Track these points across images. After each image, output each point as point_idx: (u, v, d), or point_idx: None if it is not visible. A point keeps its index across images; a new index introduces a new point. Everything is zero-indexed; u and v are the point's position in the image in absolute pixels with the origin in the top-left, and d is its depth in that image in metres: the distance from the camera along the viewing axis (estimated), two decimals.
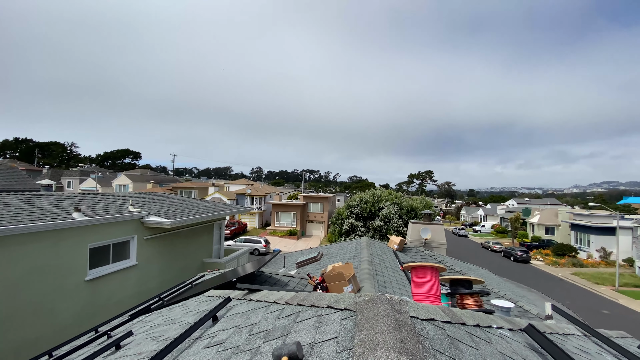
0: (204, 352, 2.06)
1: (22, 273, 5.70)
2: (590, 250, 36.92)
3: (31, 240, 5.86)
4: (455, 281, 3.40)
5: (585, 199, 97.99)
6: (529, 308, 7.02)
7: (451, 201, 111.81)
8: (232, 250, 14.14)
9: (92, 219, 7.08)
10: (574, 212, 47.05)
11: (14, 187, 18.02)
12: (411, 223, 12.85)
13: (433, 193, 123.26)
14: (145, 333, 3.28)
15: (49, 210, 7.12)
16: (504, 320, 2.29)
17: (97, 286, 7.20)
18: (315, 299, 2.25)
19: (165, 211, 9.57)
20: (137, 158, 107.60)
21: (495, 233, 60.48)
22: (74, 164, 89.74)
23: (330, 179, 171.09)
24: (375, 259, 7.79)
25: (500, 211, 68.44)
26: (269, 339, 1.86)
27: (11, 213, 6.25)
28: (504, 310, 3.49)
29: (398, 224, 26.25)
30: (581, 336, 2.88)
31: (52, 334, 6.07)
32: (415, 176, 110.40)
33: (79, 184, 57.09)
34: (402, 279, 6.83)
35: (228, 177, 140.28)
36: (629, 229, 33.25)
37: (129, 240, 8.28)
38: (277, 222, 45.19)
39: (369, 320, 1.58)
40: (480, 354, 1.58)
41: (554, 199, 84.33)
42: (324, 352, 1.47)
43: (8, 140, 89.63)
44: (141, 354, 2.55)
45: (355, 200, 29.01)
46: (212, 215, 11.18)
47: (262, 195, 50.16)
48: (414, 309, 1.81)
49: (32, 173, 45.90)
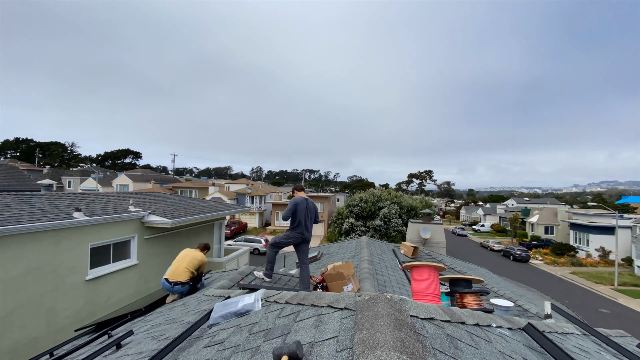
0: (204, 351, 2.07)
1: (22, 272, 5.70)
2: (589, 250, 36.93)
3: (32, 240, 5.87)
4: (455, 280, 3.41)
5: (585, 199, 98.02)
6: (528, 307, 7.02)
7: (451, 201, 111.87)
8: (233, 250, 14.14)
9: (93, 218, 7.08)
10: (573, 212, 47.10)
11: (15, 187, 18.02)
12: (411, 222, 12.86)
13: (432, 193, 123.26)
14: (146, 332, 3.29)
15: (50, 210, 7.12)
16: (503, 319, 2.30)
17: (98, 286, 7.20)
18: (315, 298, 2.26)
19: (165, 211, 9.57)
20: (138, 158, 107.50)
21: (494, 232, 60.50)
22: (74, 163, 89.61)
23: (330, 179, 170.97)
24: (375, 258, 7.79)
25: (499, 211, 68.46)
26: (269, 338, 1.87)
27: (12, 213, 6.26)
28: (503, 310, 3.50)
29: (398, 223, 26.27)
30: (580, 335, 2.89)
31: (53, 333, 6.09)
32: (414, 176, 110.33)
33: (80, 183, 57.00)
34: (401, 278, 6.84)
35: (228, 177, 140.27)
36: (627, 228, 33.28)
37: (129, 239, 8.29)
38: (277, 221, 45.18)
39: (368, 320, 1.59)
40: (480, 353, 1.59)
41: (553, 199, 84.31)
42: (324, 351, 1.48)
43: (9, 140, 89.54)
44: (142, 353, 2.56)
45: (355, 200, 29.03)
46: (213, 215, 11.18)
47: (262, 195, 50.15)
48: (413, 308, 1.81)
49: (33, 173, 45.90)
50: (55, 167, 77.30)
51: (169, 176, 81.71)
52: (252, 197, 49.29)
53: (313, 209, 5.30)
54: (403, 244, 10.48)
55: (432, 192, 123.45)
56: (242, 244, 29.09)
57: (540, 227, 48.11)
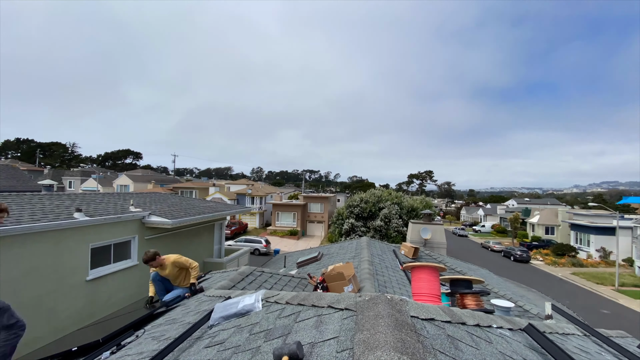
0: (204, 351, 2.07)
1: (23, 273, 5.70)
2: (590, 250, 36.88)
3: (33, 240, 5.87)
4: (455, 281, 3.41)
5: (585, 199, 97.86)
6: (529, 308, 7.01)
7: (451, 201, 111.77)
8: (233, 250, 14.16)
9: (94, 219, 7.09)
10: (574, 212, 47.03)
11: (16, 187, 18.04)
12: (411, 223, 12.86)
13: (433, 193, 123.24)
14: (146, 332, 3.29)
15: (51, 210, 7.13)
16: (504, 320, 2.30)
17: (98, 286, 7.21)
18: (315, 298, 2.26)
19: (166, 211, 9.58)
20: (138, 158, 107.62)
21: (495, 233, 60.43)
22: (75, 164, 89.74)
23: (331, 179, 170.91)
24: (376, 258, 7.79)
25: (500, 211, 68.38)
26: (269, 339, 1.87)
27: (13, 213, 6.26)
28: (503, 310, 3.49)
29: (398, 224, 26.26)
30: (581, 336, 2.89)
31: (53, 333, 6.09)
32: (415, 176, 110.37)
33: (80, 184, 57.08)
34: (402, 278, 6.83)
35: (229, 177, 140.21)
36: (628, 228, 33.20)
37: (130, 240, 8.29)
38: (277, 222, 45.19)
39: (369, 320, 1.59)
40: (481, 354, 1.58)
41: (553, 199, 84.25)
42: (324, 352, 1.48)
43: (10, 141, 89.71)
44: (142, 353, 2.56)
45: (355, 200, 29.02)
46: (213, 215, 11.19)
47: (262, 195, 50.16)
48: (414, 309, 1.81)
49: (33, 173, 45.95)
50: (55, 167, 77.36)
51: (170, 176, 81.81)
52: (252, 198, 49.30)
53: None
54: (403, 244, 10.46)
55: (433, 193, 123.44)
56: (243, 244, 29.08)
57: (540, 228, 48.06)
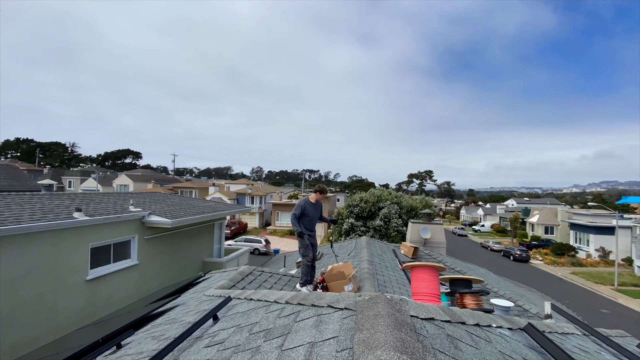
0: (204, 351, 2.07)
1: (23, 272, 5.70)
2: (589, 250, 36.94)
3: (32, 240, 5.87)
4: (455, 280, 3.41)
5: (585, 199, 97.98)
6: (529, 307, 7.04)
7: (451, 201, 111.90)
8: (233, 250, 14.15)
9: (93, 218, 7.08)
10: (573, 212, 47.16)
11: (15, 187, 18.01)
12: (411, 222, 12.86)
13: (433, 193, 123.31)
14: (146, 332, 3.29)
15: (50, 210, 7.12)
16: (503, 320, 2.30)
17: (98, 286, 7.20)
18: (315, 298, 2.26)
19: (166, 211, 9.57)
20: (138, 158, 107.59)
21: (494, 232, 60.50)
22: (74, 164, 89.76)
23: (331, 179, 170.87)
24: (375, 258, 7.80)
25: (499, 211, 68.45)
26: (269, 338, 1.87)
27: (12, 213, 6.26)
28: (503, 310, 3.50)
29: (398, 223, 26.24)
30: (580, 335, 2.89)
31: (53, 333, 6.09)
32: (414, 176, 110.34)
33: (80, 184, 57.09)
34: (402, 278, 6.84)
35: (228, 177, 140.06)
36: (628, 228, 33.27)
37: (129, 239, 8.28)
38: (277, 221, 45.21)
39: (369, 320, 1.59)
40: (480, 353, 1.59)
41: (553, 199, 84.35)
42: (324, 351, 1.48)
43: (9, 141, 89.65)
44: (142, 353, 2.56)
45: (355, 200, 28.98)
46: (213, 215, 11.18)
47: (262, 195, 50.16)
48: (413, 308, 1.81)
49: (33, 173, 45.94)
50: (55, 167, 77.33)
51: (169, 176, 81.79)
52: (252, 198, 49.30)
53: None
54: (403, 244, 10.48)
55: (432, 192, 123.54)
56: (242, 244, 29.05)
57: (540, 227, 48.12)
